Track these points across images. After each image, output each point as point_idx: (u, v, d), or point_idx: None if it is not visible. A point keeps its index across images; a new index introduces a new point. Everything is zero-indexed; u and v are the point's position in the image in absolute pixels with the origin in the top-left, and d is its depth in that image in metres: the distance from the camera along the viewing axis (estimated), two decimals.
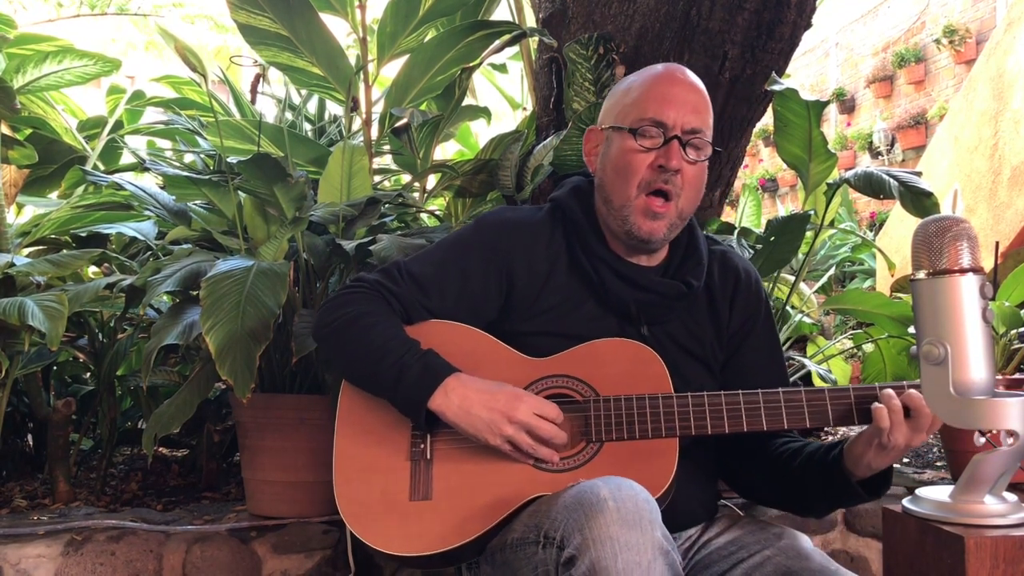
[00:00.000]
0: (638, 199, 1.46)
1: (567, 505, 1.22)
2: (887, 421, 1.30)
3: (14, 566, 1.83)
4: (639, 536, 1.15)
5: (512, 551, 1.31)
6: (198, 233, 2.26)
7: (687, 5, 2.20)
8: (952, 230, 1.21)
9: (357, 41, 2.56)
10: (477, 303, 1.51)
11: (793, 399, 1.38)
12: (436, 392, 1.37)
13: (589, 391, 1.43)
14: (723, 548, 1.44)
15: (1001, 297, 2.70)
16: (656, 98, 1.46)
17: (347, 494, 1.43)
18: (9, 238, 2.35)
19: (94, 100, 3.48)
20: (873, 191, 2.34)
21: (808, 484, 1.44)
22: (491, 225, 1.55)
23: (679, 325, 1.53)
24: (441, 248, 1.55)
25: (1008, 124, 5.51)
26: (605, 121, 1.54)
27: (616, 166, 1.48)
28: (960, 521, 1.21)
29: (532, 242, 1.53)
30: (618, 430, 1.40)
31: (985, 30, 8.77)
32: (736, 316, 1.57)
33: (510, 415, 1.36)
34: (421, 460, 1.43)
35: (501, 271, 1.51)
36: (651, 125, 1.45)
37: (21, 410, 2.59)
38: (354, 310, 1.46)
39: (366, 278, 1.52)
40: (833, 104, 11.43)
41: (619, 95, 1.53)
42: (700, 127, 1.47)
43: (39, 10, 7.38)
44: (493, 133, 2.74)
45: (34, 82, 2.67)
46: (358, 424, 1.47)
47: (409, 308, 1.49)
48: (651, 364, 1.43)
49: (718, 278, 1.57)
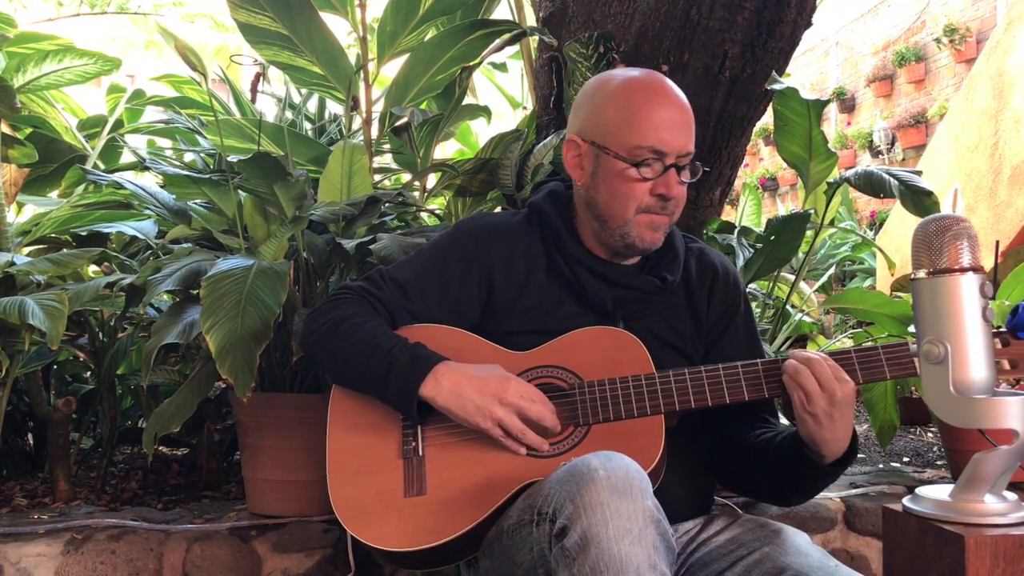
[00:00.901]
0: (638, 217, 1.48)
1: (559, 479, 1.24)
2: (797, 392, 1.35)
3: (14, 565, 1.83)
4: (629, 504, 1.16)
5: (508, 537, 1.32)
6: (198, 232, 2.26)
7: (687, 4, 2.20)
8: (952, 229, 1.21)
9: (357, 40, 2.56)
10: (459, 306, 1.54)
11: (772, 366, 1.41)
12: (427, 378, 1.39)
13: (574, 378, 1.46)
14: (722, 546, 1.44)
15: (1001, 296, 2.70)
16: (653, 124, 1.46)
17: (342, 498, 1.45)
18: (9, 237, 2.35)
19: (94, 99, 3.48)
20: (873, 190, 2.34)
21: (781, 470, 1.46)
22: (469, 230, 1.58)
23: (658, 319, 1.55)
24: (422, 255, 1.58)
25: (1008, 123, 5.51)
26: (587, 133, 1.52)
27: (612, 191, 1.49)
28: (960, 520, 1.21)
29: (510, 246, 1.56)
30: (604, 411, 1.42)
31: (985, 29, 8.77)
32: (714, 308, 1.60)
33: (501, 397, 1.38)
34: (413, 457, 1.44)
35: (481, 274, 1.54)
36: (650, 154, 1.46)
37: (21, 409, 2.59)
38: (340, 313, 1.49)
39: (350, 285, 1.55)
40: (833, 103, 11.44)
41: (602, 106, 1.51)
42: (691, 147, 1.49)
43: (39, 9, 7.39)
44: (493, 132, 2.74)
45: (34, 81, 2.67)
46: (349, 427, 1.49)
47: (393, 312, 1.52)
48: (632, 348, 1.46)
49: (695, 273, 1.60)
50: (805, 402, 1.35)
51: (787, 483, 1.49)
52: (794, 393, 1.36)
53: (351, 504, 1.44)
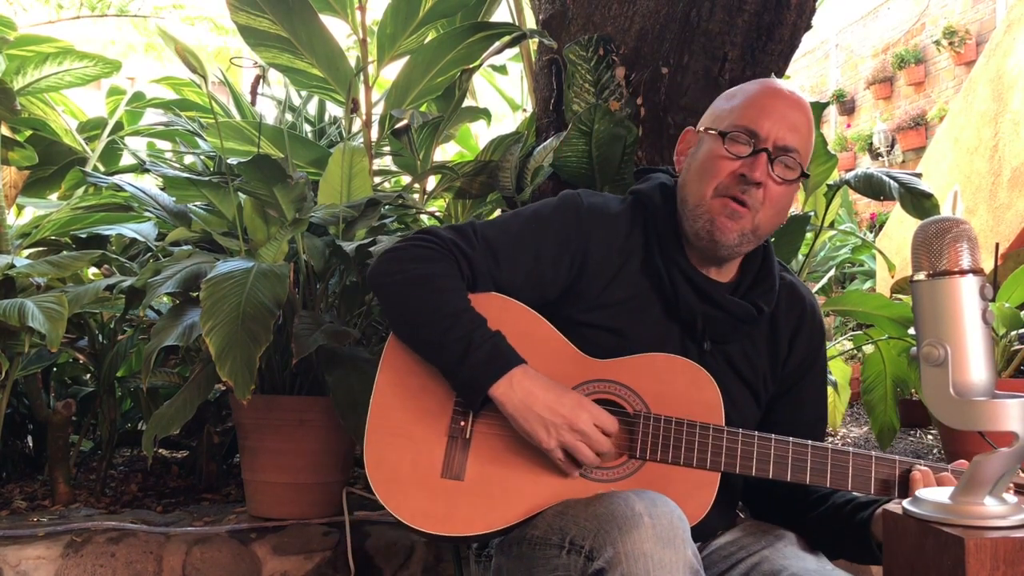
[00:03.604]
0: (714, 200, 1.40)
1: (599, 515, 1.19)
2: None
3: (14, 567, 1.83)
4: (672, 554, 1.13)
5: (530, 547, 1.29)
6: (198, 234, 2.26)
7: (687, 6, 2.21)
8: (952, 231, 1.21)
9: (357, 43, 2.56)
10: (544, 283, 1.44)
11: (840, 460, 1.35)
12: (501, 380, 1.32)
13: (640, 404, 1.39)
14: (723, 548, 1.44)
15: (1001, 298, 2.70)
16: (756, 107, 1.41)
17: (376, 456, 1.37)
18: (9, 239, 2.35)
19: (94, 101, 3.49)
20: (873, 192, 2.35)
21: (825, 532, 1.42)
22: (573, 207, 1.47)
23: (737, 348, 1.48)
24: (519, 219, 1.48)
25: (1008, 125, 5.52)
26: (703, 123, 1.48)
27: (699, 167, 1.43)
28: (960, 523, 1.20)
29: (611, 232, 1.46)
30: (663, 452, 1.35)
31: (985, 31, 8.77)
32: (796, 354, 1.52)
33: (572, 423, 1.31)
34: (459, 438, 1.38)
35: (575, 256, 1.44)
36: (743, 132, 1.39)
37: (21, 411, 2.59)
38: (425, 268, 1.39)
39: (439, 233, 1.44)
40: (833, 105, 11.44)
41: (723, 99, 1.48)
42: (795, 146, 1.40)
43: (39, 12, 7.38)
44: (493, 134, 2.74)
45: (34, 83, 2.67)
46: (399, 386, 1.41)
47: (478, 276, 1.42)
48: (706, 390, 1.38)
49: (784, 309, 1.51)
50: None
51: (828, 543, 1.43)
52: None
53: (384, 466, 1.37)
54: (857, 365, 3.91)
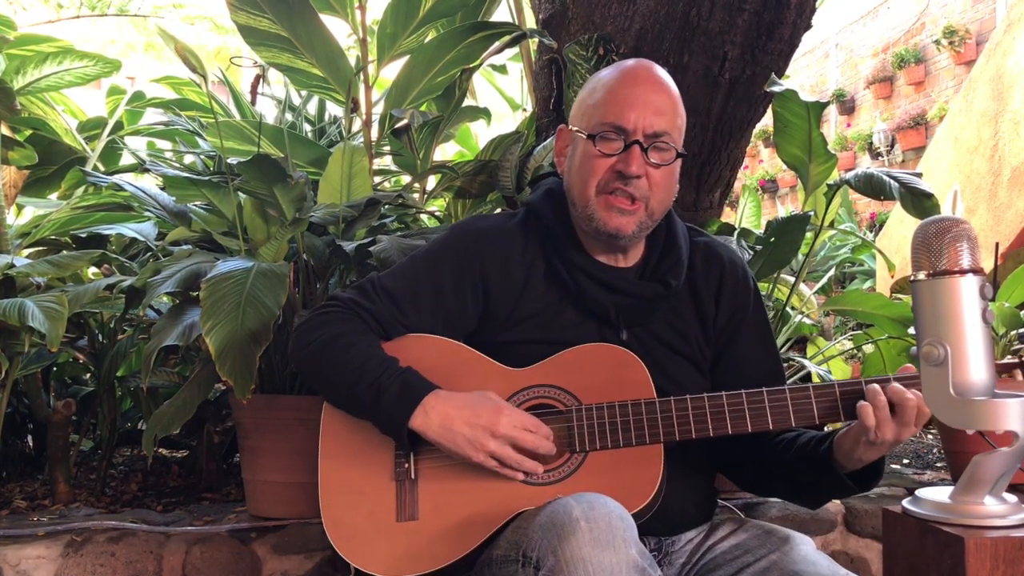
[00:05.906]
0: (598, 198, 1.43)
1: (542, 525, 1.20)
2: (872, 419, 1.28)
3: (14, 567, 1.83)
4: (612, 556, 1.13)
5: (497, 567, 1.30)
6: (198, 234, 2.26)
7: (687, 6, 2.21)
8: (952, 231, 1.21)
9: (357, 42, 2.56)
10: (454, 316, 1.48)
11: (777, 399, 1.35)
12: (416, 411, 1.35)
13: (572, 400, 1.41)
14: (728, 552, 1.43)
15: (1001, 298, 2.70)
16: (618, 100, 1.43)
17: (334, 518, 1.43)
18: (9, 239, 2.35)
19: (94, 101, 3.49)
20: (873, 192, 2.34)
21: (801, 477, 1.43)
22: (462, 235, 1.52)
23: (663, 324, 1.50)
24: (415, 261, 1.52)
25: (1008, 125, 5.51)
26: (573, 123, 1.51)
27: (578, 168, 1.46)
28: (960, 522, 1.21)
29: (506, 250, 1.50)
30: (601, 439, 1.37)
31: (985, 31, 8.77)
32: (723, 311, 1.53)
33: (493, 429, 1.34)
34: (406, 480, 1.41)
35: (475, 282, 1.48)
36: (610, 130, 1.41)
37: (21, 411, 2.59)
38: (329, 331, 1.44)
39: (340, 297, 1.50)
40: (833, 105, 11.44)
41: (585, 94, 1.50)
42: (664, 129, 1.42)
43: (39, 11, 7.38)
44: (493, 134, 2.74)
45: (34, 83, 2.67)
46: (341, 446, 1.46)
47: (386, 325, 1.47)
48: (632, 369, 1.40)
49: (701, 272, 1.53)
50: (876, 431, 1.28)
51: (809, 488, 1.44)
52: (872, 420, 1.28)
53: (342, 525, 1.42)
54: (857, 365, 3.91)
